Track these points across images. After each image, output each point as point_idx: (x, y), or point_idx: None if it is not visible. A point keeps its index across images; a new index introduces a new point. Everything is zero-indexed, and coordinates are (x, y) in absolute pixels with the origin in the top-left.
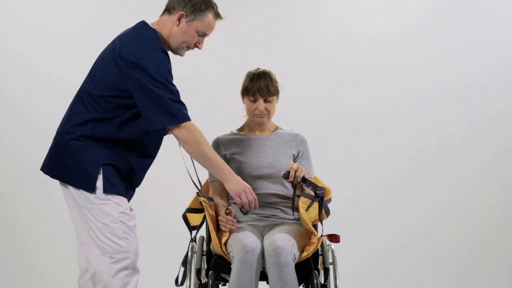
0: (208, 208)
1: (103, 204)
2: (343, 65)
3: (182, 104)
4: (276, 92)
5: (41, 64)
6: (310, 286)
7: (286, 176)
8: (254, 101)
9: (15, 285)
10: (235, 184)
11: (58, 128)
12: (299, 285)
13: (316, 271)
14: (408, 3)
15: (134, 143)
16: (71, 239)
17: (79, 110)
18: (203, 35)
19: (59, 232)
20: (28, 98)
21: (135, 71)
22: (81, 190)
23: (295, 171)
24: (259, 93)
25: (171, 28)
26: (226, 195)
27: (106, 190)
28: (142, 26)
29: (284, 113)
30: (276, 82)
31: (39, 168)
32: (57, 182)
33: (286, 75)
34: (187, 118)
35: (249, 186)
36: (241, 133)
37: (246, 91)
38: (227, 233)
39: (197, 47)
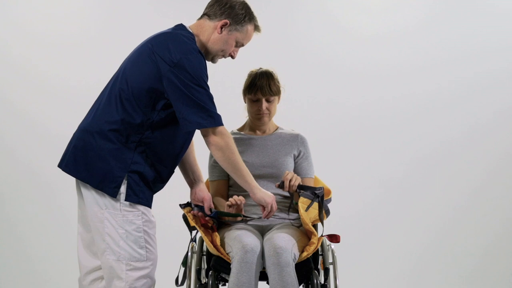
0: (191, 221)
1: (128, 212)
2: (343, 65)
3: (215, 108)
4: (277, 92)
5: (41, 64)
6: (310, 286)
7: (281, 186)
8: (256, 100)
9: (15, 285)
10: (264, 195)
11: (85, 127)
12: (299, 285)
13: (316, 271)
14: (408, 3)
15: (162, 149)
16: (71, 239)
17: (111, 109)
18: (241, 45)
19: (59, 232)
20: (28, 98)
21: (174, 71)
22: (105, 194)
23: (290, 181)
24: (261, 93)
25: (211, 34)
26: (226, 195)
27: (128, 198)
28: (179, 28)
29: (284, 113)
30: (278, 82)
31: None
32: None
33: (286, 75)
34: (222, 122)
35: (273, 195)
36: (242, 132)
37: (248, 91)
38: (218, 235)
39: (231, 56)
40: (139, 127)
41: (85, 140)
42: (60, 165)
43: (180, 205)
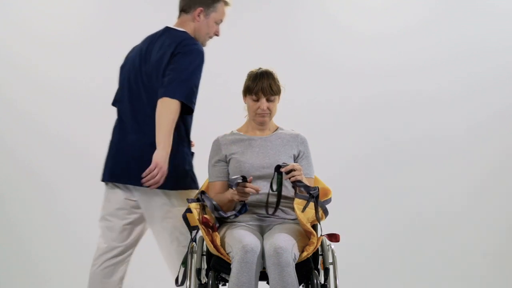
0: (192, 219)
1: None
2: (343, 65)
3: (192, 88)
4: (278, 92)
5: (41, 64)
6: (310, 286)
7: (282, 166)
8: (257, 100)
9: (15, 285)
10: (158, 158)
11: (137, 141)
12: (299, 285)
13: (316, 271)
14: (408, 3)
15: (188, 136)
16: (70, 238)
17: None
18: (220, 22)
19: (59, 232)
20: (28, 98)
21: (182, 57)
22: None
23: (294, 170)
24: (262, 92)
25: (194, 25)
26: None
27: (195, 186)
28: (171, 29)
29: (284, 113)
30: (278, 81)
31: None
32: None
33: (286, 75)
34: (181, 98)
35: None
36: (241, 133)
37: (249, 91)
38: (218, 235)
39: (216, 34)
40: (177, 127)
41: (148, 152)
42: (123, 181)
43: (187, 199)
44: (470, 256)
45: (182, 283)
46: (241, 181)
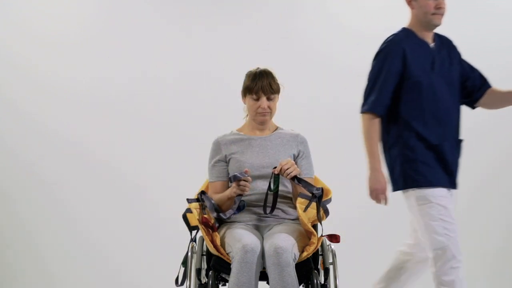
0: (192, 219)
1: None
2: (343, 64)
3: (374, 95)
4: (278, 90)
5: (41, 64)
6: (310, 286)
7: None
8: (257, 99)
9: (15, 285)
10: (373, 181)
11: None
12: (299, 285)
13: (316, 271)
14: None
15: None
16: (70, 238)
17: None
18: None
19: (58, 232)
20: (28, 98)
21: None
22: None
23: (287, 168)
24: (262, 92)
25: (413, 13)
26: None
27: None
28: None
29: (284, 112)
30: (277, 80)
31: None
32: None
33: (286, 74)
34: (369, 109)
35: (383, 187)
36: (241, 133)
37: (249, 90)
38: (218, 235)
39: (439, 7)
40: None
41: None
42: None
43: (187, 199)
44: (473, 256)
45: (182, 283)
46: (243, 176)
